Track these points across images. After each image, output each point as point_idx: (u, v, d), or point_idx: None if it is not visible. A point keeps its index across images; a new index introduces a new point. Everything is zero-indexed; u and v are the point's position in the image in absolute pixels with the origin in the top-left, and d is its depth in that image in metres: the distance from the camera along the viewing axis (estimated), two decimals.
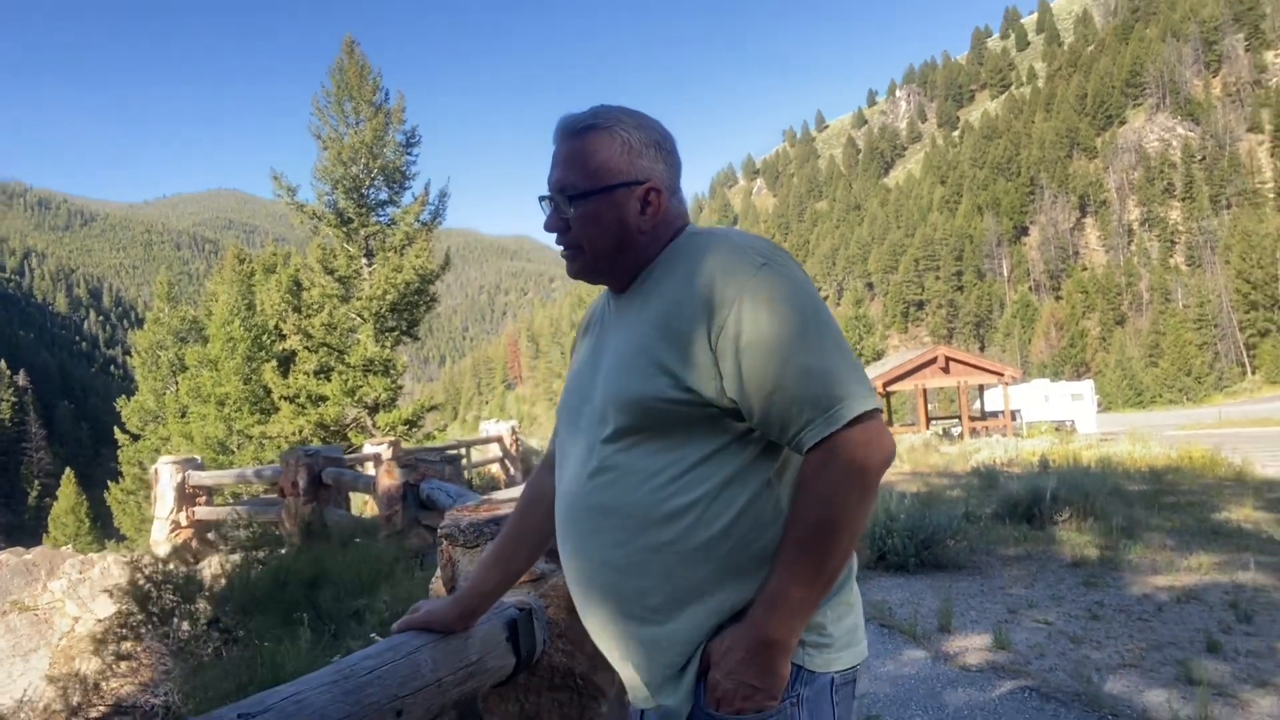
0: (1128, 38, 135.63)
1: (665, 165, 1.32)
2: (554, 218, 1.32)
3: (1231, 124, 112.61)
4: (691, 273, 1.21)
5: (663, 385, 1.18)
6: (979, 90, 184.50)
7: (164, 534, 8.77)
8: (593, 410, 1.28)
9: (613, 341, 1.31)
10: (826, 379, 1.13)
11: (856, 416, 1.12)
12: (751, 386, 1.15)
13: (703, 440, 1.19)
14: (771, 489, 1.21)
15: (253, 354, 26.73)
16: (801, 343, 1.14)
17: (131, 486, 31.27)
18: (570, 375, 1.43)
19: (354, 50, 23.07)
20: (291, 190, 22.46)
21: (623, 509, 1.21)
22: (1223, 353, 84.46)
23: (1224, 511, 8.71)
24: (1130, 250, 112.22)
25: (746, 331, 1.14)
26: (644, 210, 1.29)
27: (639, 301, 1.29)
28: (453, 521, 1.73)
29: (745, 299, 1.15)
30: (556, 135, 1.33)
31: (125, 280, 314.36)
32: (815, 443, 1.13)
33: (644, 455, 1.21)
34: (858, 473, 1.12)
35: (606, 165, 1.27)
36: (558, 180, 1.30)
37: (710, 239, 1.27)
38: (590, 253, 1.31)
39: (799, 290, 1.18)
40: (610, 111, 1.31)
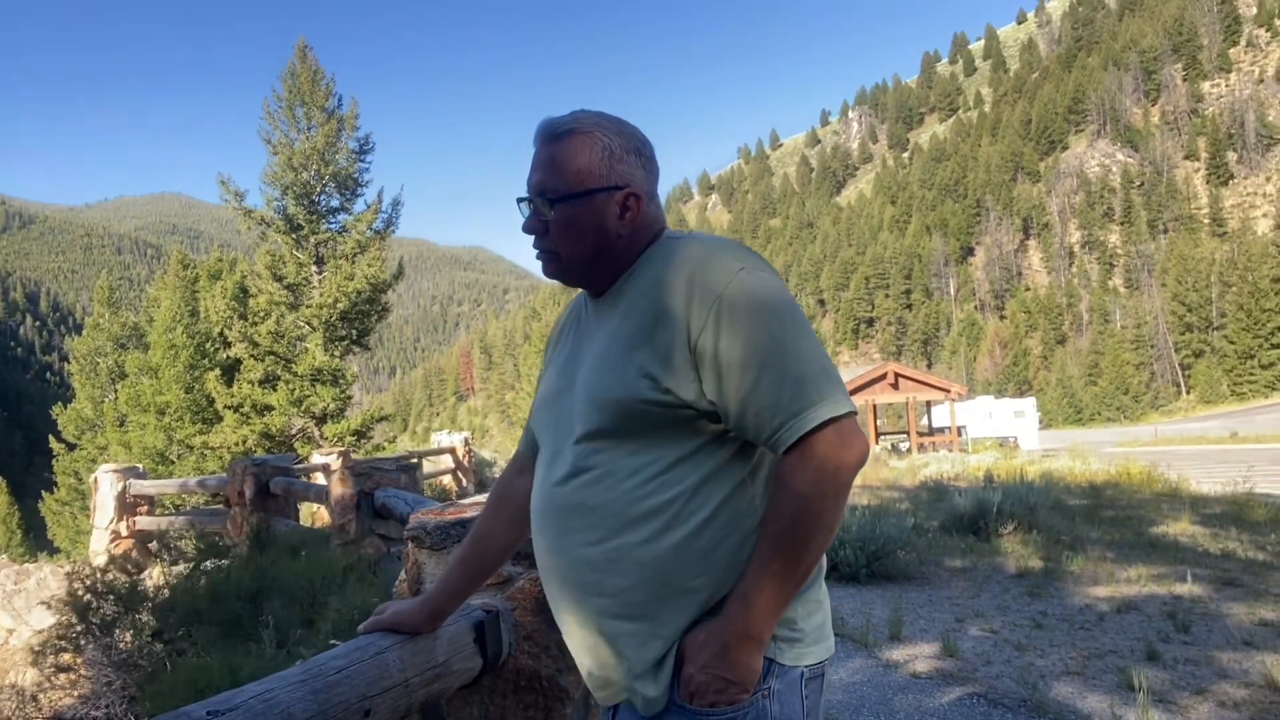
0: (1071, 66, 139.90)
1: (644, 171, 1.33)
2: (533, 220, 1.33)
3: (1169, 151, 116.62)
4: (669, 277, 1.23)
5: (642, 387, 1.19)
6: (928, 113, 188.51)
7: (104, 544, 8.51)
8: (571, 411, 1.29)
9: (591, 344, 1.32)
10: (803, 382, 1.16)
11: (831, 418, 1.15)
12: (729, 389, 1.17)
13: (680, 441, 1.21)
14: (746, 488, 1.23)
15: (195, 362, 26.09)
16: (778, 346, 1.16)
17: (67, 497, 30.33)
18: (547, 377, 1.44)
19: (307, 54, 22.79)
20: (239, 195, 22.08)
21: (601, 507, 1.22)
22: (1159, 373, 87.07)
23: (1161, 525, 8.98)
24: (1071, 272, 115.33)
25: (724, 335, 1.16)
26: (623, 215, 1.30)
27: (617, 305, 1.30)
28: (419, 524, 1.72)
29: (723, 302, 1.17)
30: (537, 138, 1.34)
31: (64, 285, 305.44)
32: (791, 443, 1.15)
33: (622, 455, 1.22)
34: (832, 472, 1.15)
35: (587, 169, 1.28)
36: (537, 183, 1.31)
37: (688, 243, 1.28)
38: (568, 257, 1.32)
39: (775, 294, 1.21)
40: (591, 116, 1.33)
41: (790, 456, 1.16)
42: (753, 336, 1.16)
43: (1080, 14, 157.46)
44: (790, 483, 1.16)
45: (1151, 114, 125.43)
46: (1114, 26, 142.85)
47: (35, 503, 33.48)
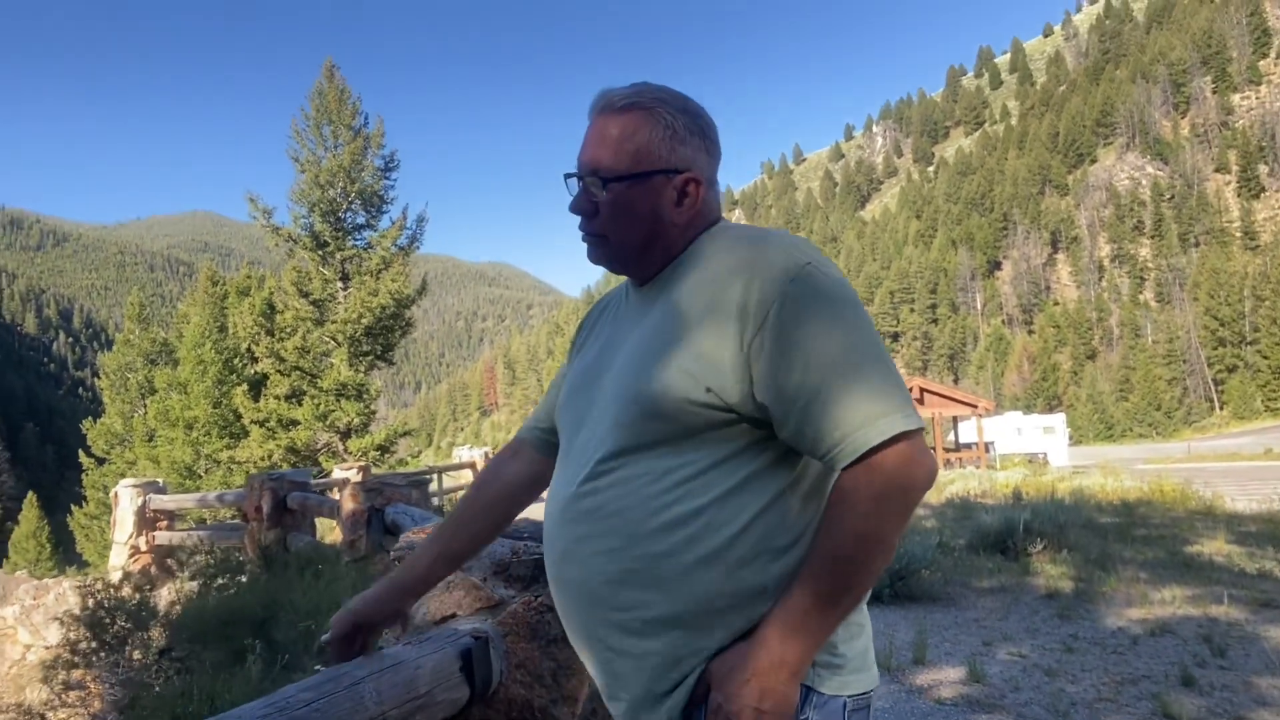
0: (1098, 79, 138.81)
1: (707, 155, 1.24)
2: (582, 199, 1.23)
3: (1199, 164, 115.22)
4: (725, 267, 1.14)
5: (683, 385, 1.10)
6: (953, 127, 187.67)
7: (122, 559, 8.53)
8: (601, 407, 1.20)
9: (630, 336, 1.23)
10: (872, 391, 1.05)
11: (901, 434, 1.04)
12: (787, 394, 1.06)
13: (715, 445, 1.12)
14: (785, 500, 1.13)
15: (223, 377, 26.39)
16: (846, 351, 1.06)
17: (95, 511, 30.67)
18: (577, 367, 1.34)
19: (334, 74, 23.07)
20: (267, 212, 22.33)
21: (621, 513, 1.12)
22: (1191, 388, 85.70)
23: (1196, 544, 8.73)
24: (1101, 286, 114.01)
25: (785, 334, 1.06)
26: (680, 201, 1.21)
27: (663, 295, 1.21)
28: (407, 544, 1.64)
29: (786, 298, 1.07)
30: (593, 110, 1.24)
31: (97, 301, 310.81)
32: (855, 458, 1.04)
33: (649, 457, 1.13)
34: (899, 492, 1.05)
35: (646, 149, 1.19)
36: (590, 160, 1.21)
37: (748, 233, 1.19)
38: (617, 242, 1.22)
39: (843, 293, 1.11)
40: (654, 90, 1.23)
41: (853, 471, 1.05)
42: (818, 337, 1.06)
43: (1107, 27, 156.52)
44: (852, 500, 1.05)
45: (1181, 126, 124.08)
46: (1141, 39, 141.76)
47: (65, 517, 33.90)
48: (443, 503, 13.88)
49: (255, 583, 4.39)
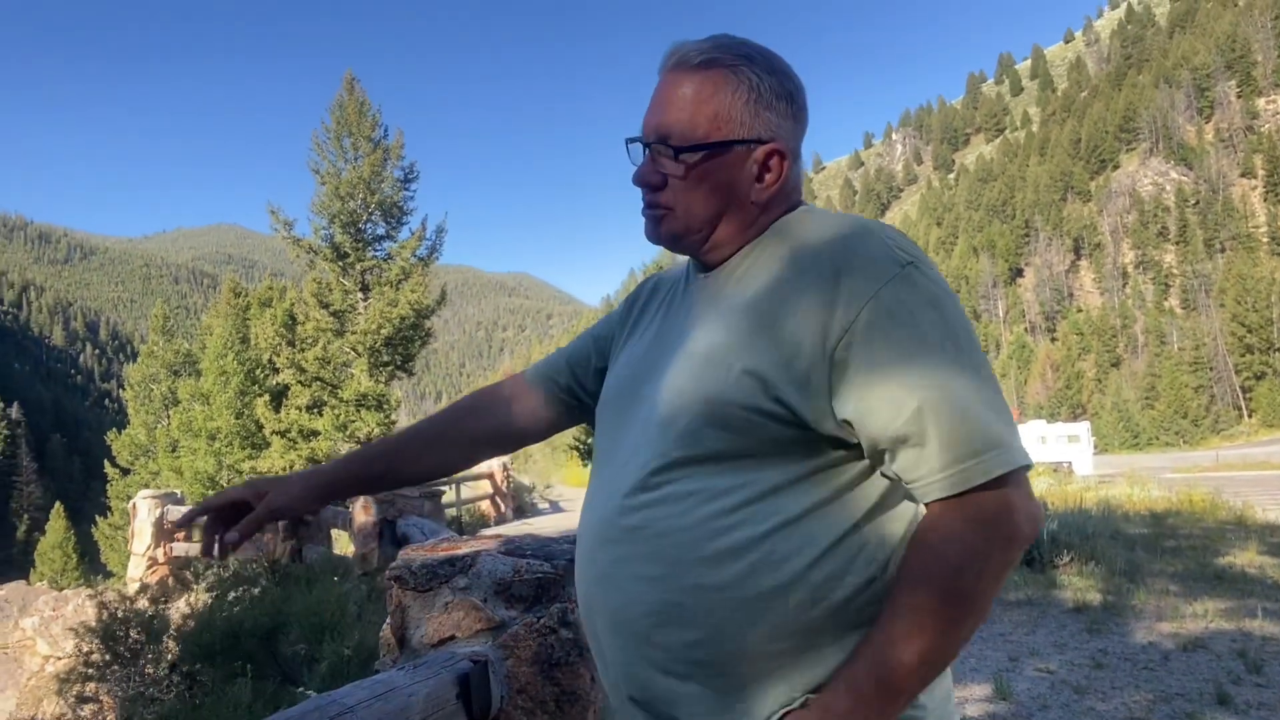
0: (1121, 84, 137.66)
1: (794, 123, 1.07)
2: (648, 169, 1.07)
3: (1224, 169, 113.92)
4: (810, 257, 0.98)
5: (750, 393, 0.95)
6: (974, 134, 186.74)
7: (140, 571, 8.55)
8: (653, 409, 1.04)
9: (691, 329, 1.07)
10: (978, 417, 0.90)
11: (1011, 471, 0.90)
12: (878, 412, 0.92)
13: (784, 463, 0.97)
14: (861, 533, 0.97)
15: (245, 388, 26.60)
16: (952, 368, 0.91)
17: (120, 521, 30.94)
18: (624, 359, 1.19)
19: (354, 87, 23.22)
20: (288, 224, 22.50)
21: (670, 535, 0.97)
22: (1219, 396, 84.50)
23: (1227, 556, 8.54)
24: (1125, 293, 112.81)
25: (880, 341, 0.92)
26: (761, 176, 1.05)
27: (732, 285, 1.05)
28: (404, 562, 1.57)
29: (882, 300, 0.92)
30: (665, 66, 1.07)
31: (123, 314, 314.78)
32: (955, 494, 0.90)
33: (707, 473, 0.98)
34: (1001, 543, 0.90)
35: (726, 114, 1.03)
36: (660, 124, 1.05)
37: (839, 221, 1.03)
38: (685, 218, 1.06)
39: (949, 301, 0.96)
40: (737, 45, 1.06)
41: (950, 510, 0.90)
42: (917, 349, 0.91)
43: (1129, 32, 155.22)
44: (942, 549, 0.90)
45: (1205, 131, 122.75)
46: (1164, 44, 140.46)
47: (90, 527, 34.25)
48: (460, 513, 13.84)
49: (266, 596, 4.36)
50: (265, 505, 1.20)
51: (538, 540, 1.64)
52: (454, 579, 1.51)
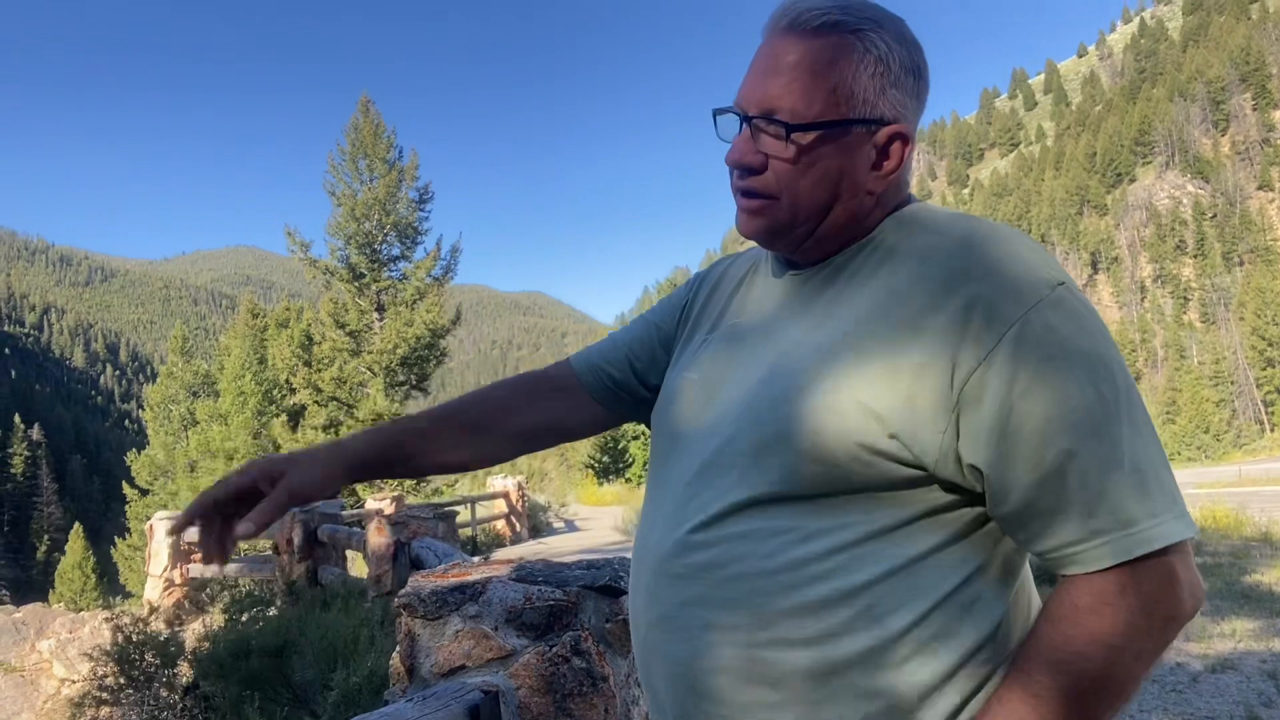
0: (1135, 98, 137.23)
1: (917, 104, 0.92)
2: (746, 148, 0.90)
3: (1241, 182, 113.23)
4: (934, 269, 0.83)
5: (860, 426, 0.81)
6: (988, 149, 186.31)
7: (156, 592, 8.54)
8: (732, 428, 0.89)
9: (782, 337, 0.91)
10: (1139, 477, 0.77)
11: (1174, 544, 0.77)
12: (1017, 460, 0.78)
13: (890, 506, 0.83)
14: (974, 586, 0.84)
15: (263, 408, 26.76)
16: (1109, 416, 0.77)
17: (138, 542, 31.08)
18: (689, 358, 1.03)
19: (369, 109, 23.45)
20: (305, 246, 22.71)
21: (751, 579, 0.84)
22: (1240, 410, 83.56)
23: (1254, 574, 8.39)
24: (1144, 307, 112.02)
25: (1024, 377, 0.77)
26: (879, 163, 0.89)
27: (835, 290, 0.91)
28: (413, 589, 1.54)
29: (1030, 327, 0.78)
30: (775, 27, 0.90)
31: (143, 335, 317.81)
32: (1106, 567, 0.77)
33: (798, 511, 0.84)
34: (1161, 622, 0.77)
35: (848, 89, 0.86)
36: (768, 96, 0.88)
37: (970, 226, 0.88)
38: (791, 206, 0.89)
39: (1102, 333, 0.81)
40: (863, 6, 0.89)
41: (1103, 584, 0.77)
42: (1069, 391, 0.77)
43: (1143, 46, 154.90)
44: (1091, 625, 0.77)
45: (1221, 144, 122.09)
46: (1178, 58, 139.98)
47: (110, 548, 34.43)
48: (475, 533, 13.81)
49: (280, 618, 4.35)
50: (284, 489, 1.01)
51: (550, 566, 1.61)
52: (464, 606, 1.48)
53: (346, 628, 3.58)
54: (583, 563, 1.67)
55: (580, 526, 18.38)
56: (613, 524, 16.78)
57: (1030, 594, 0.91)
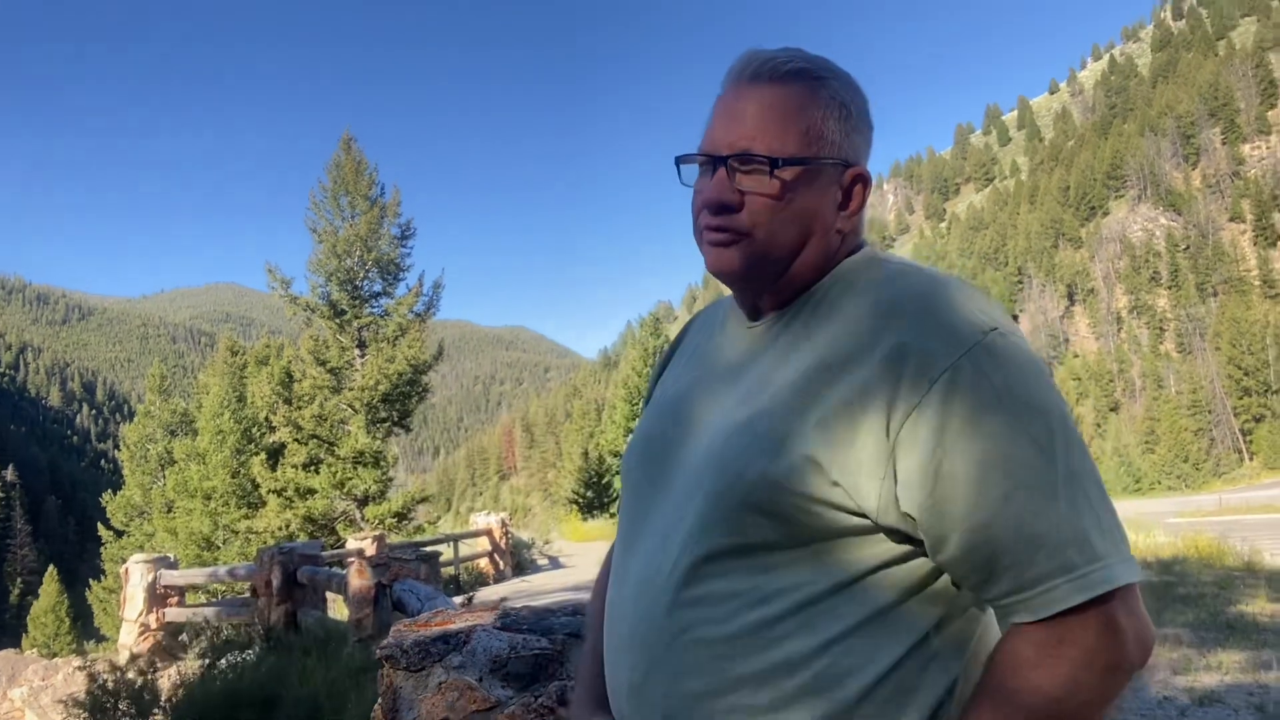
0: (1107, 133, 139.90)
1: (869, 151, 0.96)
2: (723, 186, 0.90)
3: (1213, 214, 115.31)
4: (874, 315, 0.85)
5: (804, 475, 0.81)
6: (964, 183, 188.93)
7: (132, 637, 8.36)
8: (688, 479, 0.90)
9: (734, 385, 0.93)
10: (1078, 522, 0.76)
11: (1118, 588, 0.76)
12: (950, 507, 0.77)
13: (843, 558, 0.82)
14: (930, 645, 0.83)
15: (242, 446, 26.50)
16: (1043, 462, 0.77)
17: (114, 585, 30.55)
18: (651, 411, 1.04)
19: (351, 146, 23.54)
20: (286, 283, 22.65)
21: (711, 645, 0.83)
22: (1218, 439, 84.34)
23: (1238, 604, 8.41)
24: (1120, 337, 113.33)
25: (955, 422, 0.77)
26: (845, 204, 0.92)
27: (788, 337, 0.92)
28: (395, 640, 1.50)
29: (961, 374, 0.78)
30: (741, 75, 0.93)
31: (120, 374, 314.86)
32: (1049, 615, 0.76)
33: (754, 568, 0.83)
34: (1106, 671, 0.76)
35: (817, 131, 0.90)
36: (744, 135, 0.90)
37: (912, 273, 0.90)
38: (765, 244, 0.90)
39: (1039, 374, 0.81)
40: (821, 60, 0.94)
41: (1041, 634, 0.76)
42: (1001, 437, 0.76)
43: (1113, 82, 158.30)
44: (1036, 676, 0.76)
45: (1192, 178, 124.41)
46: (1148, 94, 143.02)
47: (85, 590, 33.81)
48: (458, 571, 13.65)
49: (259, 664, 4.24)
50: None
51: (535, 613, 1.58)
52: (448, 657, 1.45)
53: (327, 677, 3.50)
54: (568, 607, 1.65)
55: (564, 563, 18.21)
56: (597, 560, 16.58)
57: (988, 639, 0.90)
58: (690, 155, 0.95)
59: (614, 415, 36.43)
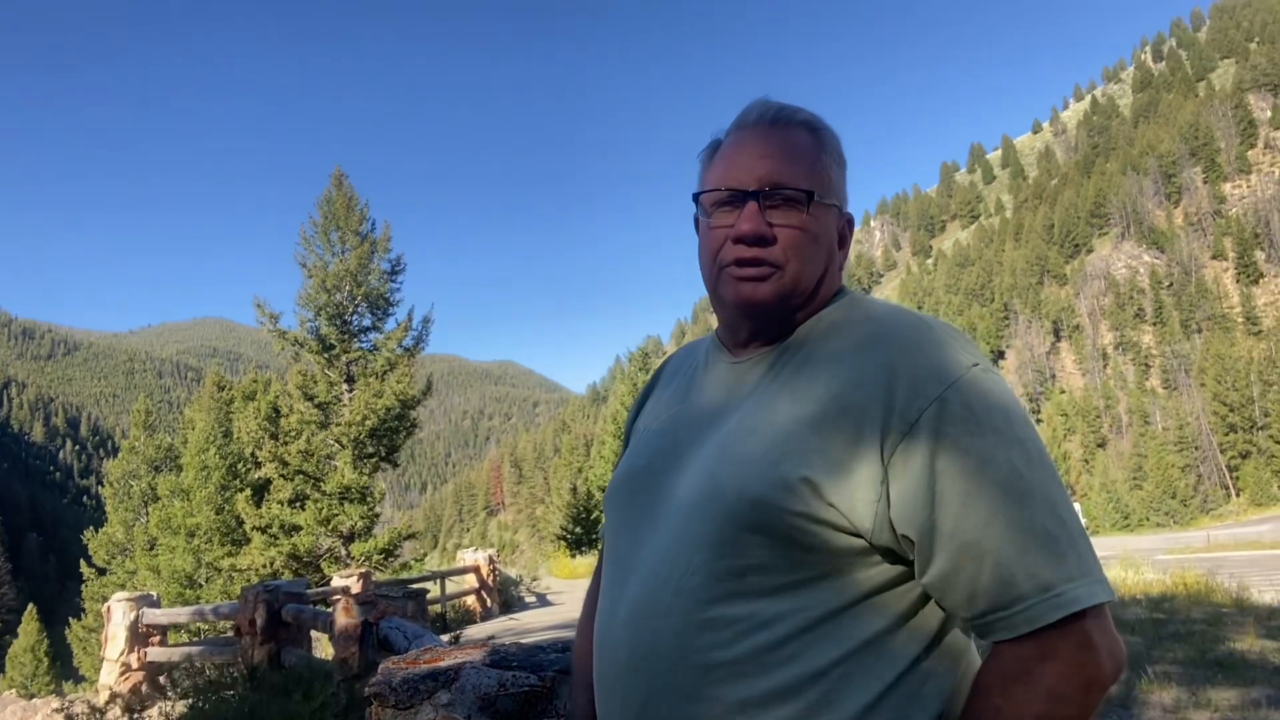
0: (1090, 171, 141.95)
1: None
2: (758, 219, 0.94)
3: (1195, 251, 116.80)
4: (866, 352, 0.90)
5: (800, 496, 0.84)
6: (949, 220, 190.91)
7: (113, 678, 8.20)
8: (678, 509, 0.93)
9: (725, 415, 0.96)
10: (1054, 544, 0.80)
11: (1092, 607, 0.80)
12: (936, 531, 0.82)
13: (839, 582, 0.86)
14: (922, 667, 0.87)
15: (227, 482, 26.25)
16: (1022, 484, 0.81)
17: (94, 624, 30.11)
18: (635, 446, 1.08)
19: (342, 182, 23.64)
20: (274, 317, 22.58)
21: (713, 670, 0.85)
22: (1205, 475, 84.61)
23: (1229, 642, 8.38)
24: (1106, 373, 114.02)
25: (943, 451, 0.82)
26: (842, 244, 1.02)
27: (778, 368, 0.96)
28: (384, 677, 1.49)
29: (946, 406, 0.83)
30: (761, 121, 0.99)
31: (105, 409, 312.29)
32: (1025, 633, 0.80)
33: (753, 594, 0.86)
34: (1082, 687, 0.79)
35: (828, 175, 0.99)
36: (774, 172, 0.95)
37: (896, 314, 0.95)
38: (794, 276, 0.95)
39: (1015, 407, 0.87)
40: (815, 115, 1.03)
41: (1020, 650, 0.80)
42: (985, 460, 0.82)
43: (1095, 122, 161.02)
44: (1018, 692, 0.80)
45: (1175, 216, 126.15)
46: (1130, 133, 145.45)
47: (65, 629, 33.23)
48: (445, 609, 13.50)
49: (242, 705, 4.17)
50: None
51: (524, 649, 1.58)
52: (436, 694, 1.44)
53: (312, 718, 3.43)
54: (558, 644, 1.64)
55: (553, 600, 18.04)
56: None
57: (975, 664, 0.93)
58: (711, 190, 0.99)
59: (603, 450, 36.35)
